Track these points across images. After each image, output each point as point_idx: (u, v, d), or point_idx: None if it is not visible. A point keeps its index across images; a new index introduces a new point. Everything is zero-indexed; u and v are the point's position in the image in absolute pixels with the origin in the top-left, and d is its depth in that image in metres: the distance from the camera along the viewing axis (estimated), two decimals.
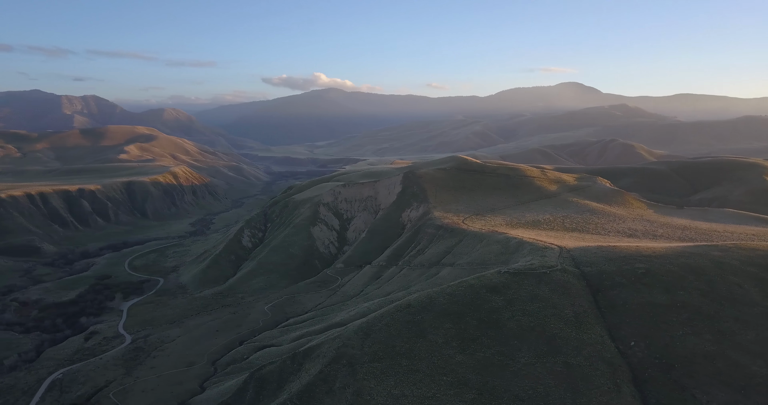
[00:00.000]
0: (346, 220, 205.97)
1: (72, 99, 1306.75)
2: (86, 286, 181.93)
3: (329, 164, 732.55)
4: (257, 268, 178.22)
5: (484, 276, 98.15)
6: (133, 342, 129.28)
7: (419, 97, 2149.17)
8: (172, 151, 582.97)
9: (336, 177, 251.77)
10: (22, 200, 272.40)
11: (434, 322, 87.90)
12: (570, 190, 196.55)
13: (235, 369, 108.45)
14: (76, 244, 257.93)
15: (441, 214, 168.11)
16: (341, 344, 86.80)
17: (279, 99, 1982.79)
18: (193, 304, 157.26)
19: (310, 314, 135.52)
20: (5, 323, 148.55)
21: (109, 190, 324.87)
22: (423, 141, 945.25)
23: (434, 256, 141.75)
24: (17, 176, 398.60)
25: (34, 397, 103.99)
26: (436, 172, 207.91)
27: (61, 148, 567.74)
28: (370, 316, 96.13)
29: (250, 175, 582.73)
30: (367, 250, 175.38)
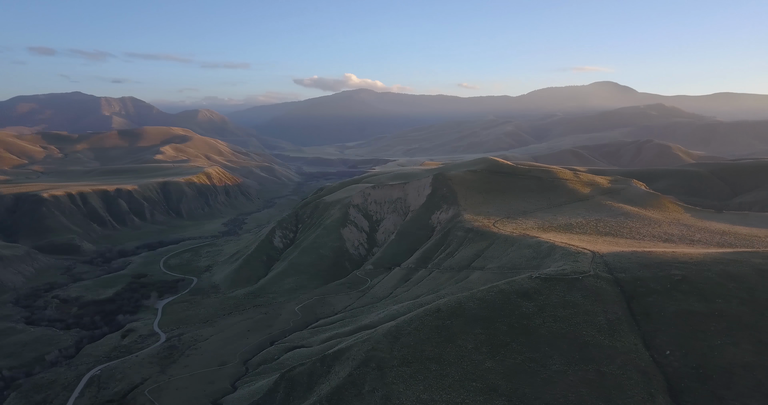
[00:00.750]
0: (376, 221, 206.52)
1: (111, 101, 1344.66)
2: (123, 285, 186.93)
3: (359, 165, 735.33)
4: (288, 269, 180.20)
5: (515, 281, 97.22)
6: (168, 340, 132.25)
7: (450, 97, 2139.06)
8: (206, 151, 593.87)
9: (366, 179, 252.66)
10: (63, 200, 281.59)
11: (464, 327, 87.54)
12: (603, 193, 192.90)
13: (266, 369, 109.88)
14: (114, 243, 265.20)
15: (471, 216, 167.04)
16: (370, 347, 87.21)
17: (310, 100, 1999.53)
18: (226, 304, 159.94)
19: (340, 316, 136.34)
20: (47, 320, 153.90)
21: (146, 190, 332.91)
22: (453, 141, 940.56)
23: (464, 259, 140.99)
24: (59, 176, 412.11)
25: (73, 393, 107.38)
26: (466, 174, 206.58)
27: (100, 148, 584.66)
28: (399, 320, 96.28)
29: (282, 175, 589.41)
30: (396, 252, 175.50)
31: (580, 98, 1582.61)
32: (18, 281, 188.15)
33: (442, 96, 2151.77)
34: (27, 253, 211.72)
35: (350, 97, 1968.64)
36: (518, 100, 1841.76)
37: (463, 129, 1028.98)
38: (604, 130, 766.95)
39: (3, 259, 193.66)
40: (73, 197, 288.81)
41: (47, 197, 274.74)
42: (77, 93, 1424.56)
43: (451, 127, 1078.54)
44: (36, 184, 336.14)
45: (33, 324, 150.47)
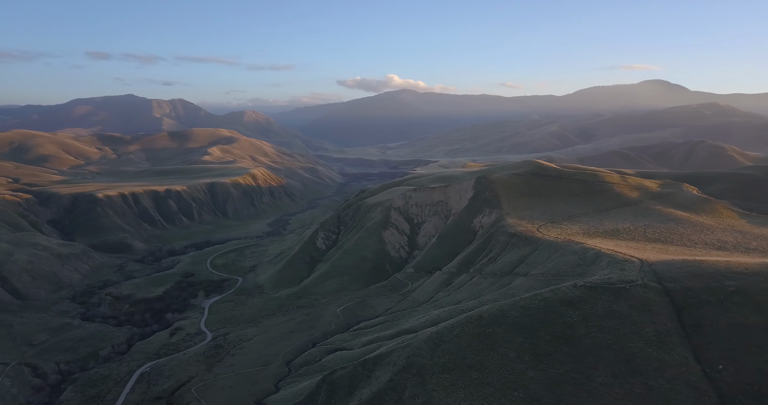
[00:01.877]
0: (417, 224, 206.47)
1: (161, 103, 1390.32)
2: (172, 284, 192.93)
3: (401, 166, 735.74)
4: (330, 271, 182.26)
5: (559, 289, 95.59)
6: (214, 339, 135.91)
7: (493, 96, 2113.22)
8: (252, 152, 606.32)
9: (407, 181, 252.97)
10: (116, 200, 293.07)
11: (506, 335, 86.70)
12: (652, 197, 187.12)
13: (308, 371, 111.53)
14: (163, 242, 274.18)
15: (514, 221, 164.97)
16: (411, 353, 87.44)
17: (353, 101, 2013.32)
18: (269, 305, 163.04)
19: (381, 319, 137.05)
20: (101, 316, 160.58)
21: (194, 191, 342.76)
22: (496, 142, 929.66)
23: (506, 265, 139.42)
24: (113, 176, 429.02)
25: (125, 388, 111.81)
26: (509, 177, 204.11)
27: (151, 149, 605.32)
28: (440, 326, 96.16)
29: (325, 176, 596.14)
30: (437, 255, 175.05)
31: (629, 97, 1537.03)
32: (75, 278, 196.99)
33: (486, 96, 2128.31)
34: (83, 251, 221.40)
35: (392, 97, 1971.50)
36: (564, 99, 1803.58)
37: (507, 129, 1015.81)
38: (653, 130, 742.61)
39: (61, 257, 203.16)
40: (125, 197, 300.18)
41: (102, 197, 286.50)
42: (130, 95, 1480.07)
43: (494, 128, 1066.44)
44: (91, 185, 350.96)
45: (88, 320, 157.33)
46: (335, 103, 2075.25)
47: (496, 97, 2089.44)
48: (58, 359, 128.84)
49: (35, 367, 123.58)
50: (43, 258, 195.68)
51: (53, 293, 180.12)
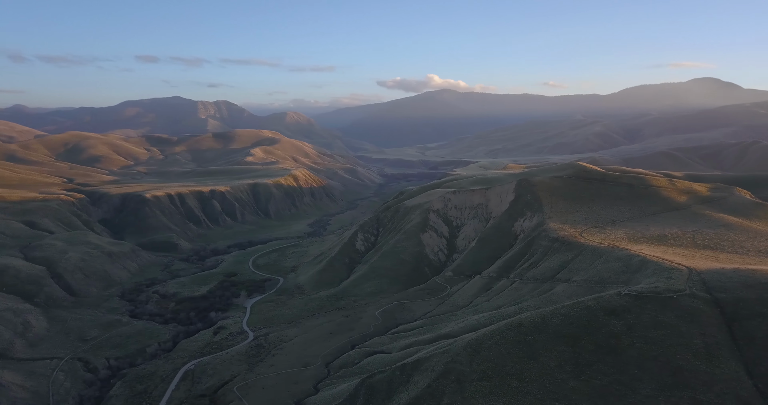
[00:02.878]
0: (456, 227, 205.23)
1: (206, 104, 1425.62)
2: (216, 283, 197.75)
3: (440, 166, 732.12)
4: (369, 273, 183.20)
5: (603, 297, 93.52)
6: (255, 339, 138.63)
7: (535, 96, 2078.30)
8: (293, 153, 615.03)
9: (446, 183, 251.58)
10: (163, 200, 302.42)
11: (547, 344, 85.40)
12: (702, 202, 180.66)
13: (347, 373, 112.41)
14: (208, 242, 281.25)
15: (556, 225, 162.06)
16: (450, 359, 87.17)
17: (392, 101, 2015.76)
18: (310, 305, 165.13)
19: (419, 322, 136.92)
20: (148, 314, 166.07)
21: (237, 192, 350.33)
22: (538, 142, 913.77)
23: (548, 270, 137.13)
24: (160, 177, 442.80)
25: (170, 385, 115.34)
26: (552, 179, 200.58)
27: (196, 150, 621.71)
28: (479, 332, 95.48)
29: (364, 177, 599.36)
30: (476, 259, 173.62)
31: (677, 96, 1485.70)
32: (124, 276, 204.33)
33: (527, 95, 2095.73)
34: (132, 250, 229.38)
35: (432, 97, 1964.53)
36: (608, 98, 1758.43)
37: (549, 129, 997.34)
38: (703, 130, 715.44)
39: (112, 256, 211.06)
40: (172, 198, 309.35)
41: (150, 197, 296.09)
42: (177, 97, 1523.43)
43: (536, 127, 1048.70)
44: (140, 185, 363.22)
45: (136, 317, 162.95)
46: (375, 104, 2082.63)
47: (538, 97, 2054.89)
48: (108, 355, 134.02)
49: (87, 362, 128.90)
50: (94, 256, 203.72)
51: (104, 290, 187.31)
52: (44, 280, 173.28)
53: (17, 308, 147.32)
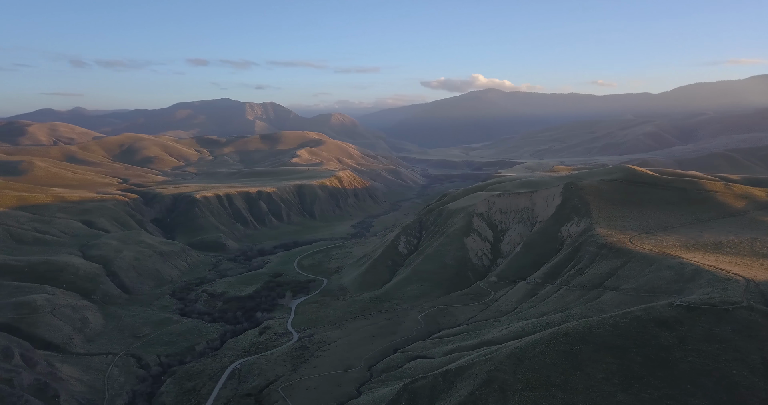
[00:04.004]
0: (501, 231, 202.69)
1: (254, 106, 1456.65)
2: (262, 283, 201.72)
3: (484, 167, 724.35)
4: (412, 276, 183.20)
5: (653, 308, 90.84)
6: (299, 340, 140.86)
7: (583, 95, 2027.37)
8: (338, 155, 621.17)
9: (490, 186, 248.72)
10: (212, 201, 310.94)
11: (593, 355, 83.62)
12: (761, 207, 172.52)
13: (389, 377, 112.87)
14: (254, 242, 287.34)
15: (605, 230, 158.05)
16: (493, 368, 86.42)
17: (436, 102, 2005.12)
18: (353, 307, 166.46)
19: (462, 328, 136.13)
20: (197, 312, 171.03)
21: (283, 193, 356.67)
22: (586, 143, 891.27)
23: (595, 277, 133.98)
24: (209, 177, 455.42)
25: (217, 383, 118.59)
26: (600, 183, 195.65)
27: (244, 151, 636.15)
28: (524, 340, 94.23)
29: (407, 178, 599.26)
30: (521, 264, 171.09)
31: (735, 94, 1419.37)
32: (174, 275, 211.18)
33: (575, 94, 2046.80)
34: (182, 249, 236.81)
35: (477, 97, 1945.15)
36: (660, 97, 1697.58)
37: (598, 129, 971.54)
38: (763, 130, 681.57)
39: (163, 255, 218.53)
40: (220, 198, 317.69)
41: (199, 198, 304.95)
42: (225, 99, 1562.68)
43: (584, 128, 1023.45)
44: (190, 185, 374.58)
45: (185, 315, 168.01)
46: (419, 104, 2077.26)
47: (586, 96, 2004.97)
48: (159, 352, 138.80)
49: (139, 358, 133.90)
50: (147, 255, 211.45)
51: (155, 288, 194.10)
52: (101, 277, 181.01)
53: (76, 304, 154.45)
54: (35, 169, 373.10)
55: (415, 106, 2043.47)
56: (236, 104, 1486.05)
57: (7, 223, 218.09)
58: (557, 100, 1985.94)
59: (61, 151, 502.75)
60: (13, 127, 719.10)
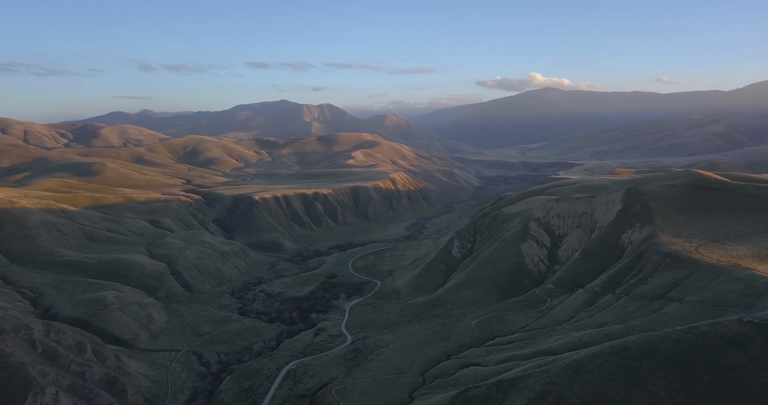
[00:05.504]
0: (558, 237, 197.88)
1: (311, 107, 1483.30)
2: (317, 284, 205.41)
3: (542, 168, 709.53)
4: (465, 281, 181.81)
5: (721, 324, 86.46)
6: (353, 343, 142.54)
7: (647, 93, 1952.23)
8: (392, 156, 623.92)
9: (547, 190, 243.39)
10: (270, 202, 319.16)
11: (656, 371, 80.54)
12: None
13: (441, 383, 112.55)
14: (310, 243, 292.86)
15: (669, 238, 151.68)
16: (549, 380, 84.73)
17: (492, 101, 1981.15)
18: (406, 311, 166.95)
19: (517, 336, 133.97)
20: (255, 312, 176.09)
21: (338, 194, 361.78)
22: (650, 143, 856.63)
23: (658, 287, 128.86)
24: (267, 178, 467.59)
25: (274, 383, 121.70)
26: (664, 188, 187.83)
27: (301, 153, 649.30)
28: (581, 353, 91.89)
29: (462, 179, 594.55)
30: (580, 271, 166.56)
31: None
32: (234, 274, 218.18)
33: (638, 93, 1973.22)
34: (241, 249, 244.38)
35: (534, 96, 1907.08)
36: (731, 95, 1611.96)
37: (662, 129, 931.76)
38: None
39: (224, 255, 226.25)
40: (278, 199, 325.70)
41: (258, 199, 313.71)
42: (284, 101, 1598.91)
43: (647, 127, 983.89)
44: (249, 186, 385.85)
45: (244, 315, 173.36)
46: (474, 104, 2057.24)
47: (649, 94, 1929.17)
48: (219, 350, 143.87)
49: (200, 356, 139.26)
50: (208, 255, 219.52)
51: (216, 287, 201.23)
52: (165, 276, 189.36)
53: (142, 302, 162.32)
54: (107, 171, 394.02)
55: (471, 106, 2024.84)
56: (294, 106, 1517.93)
57: (82, 223, 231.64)
58: (619, 98, 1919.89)
59: (130, 153, 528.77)
60: (87, 129, 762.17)
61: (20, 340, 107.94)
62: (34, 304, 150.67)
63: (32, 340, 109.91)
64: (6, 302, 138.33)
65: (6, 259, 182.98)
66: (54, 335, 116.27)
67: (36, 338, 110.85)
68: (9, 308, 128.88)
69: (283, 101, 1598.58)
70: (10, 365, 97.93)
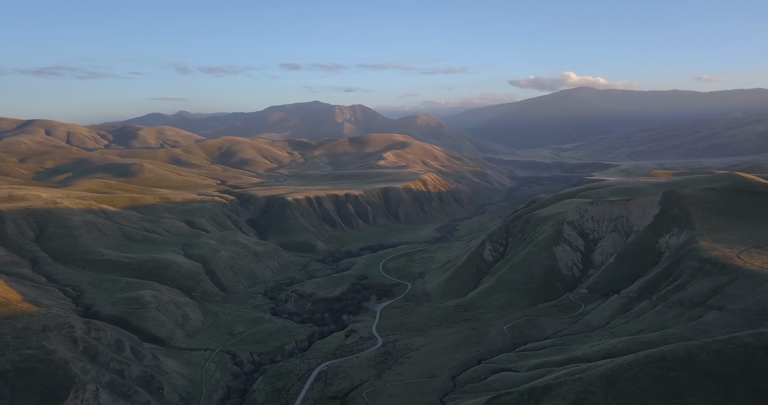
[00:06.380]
0: (592, 241, 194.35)
1: (343, 108, 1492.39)
2: (348, 285, 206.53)
3: (576, 169, 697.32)
4: (497, 285, 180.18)
5: (765, 334, 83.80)
6: (384, 345, 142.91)
7: (686, 92, 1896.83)
8: (423, 157, 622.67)
9: (582, 192, 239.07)
10: (303, 203, 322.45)
11: (694, 382, 78.51)
12: None
13: (472, 388, 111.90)
14: (341, 244, 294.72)
15: (709, 244, 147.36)
16: (582, 389, 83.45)
17: (526, 101, 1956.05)
18: (437, 314, 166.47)
19: (550, 341, 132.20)
20: (287, 312, 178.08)
21: (369, 195, 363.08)
22: (688, 143, 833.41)
23: (697, 294, 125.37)
24: (300, 179, 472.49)
25: (305, 384, 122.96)
26: (704, 192, 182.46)
27: (333, 154, 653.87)
28: (616, 361, 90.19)
29: (494, 180, 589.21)
30: (615, 276, 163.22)
31: None
32: (267, 275, 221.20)
33: (676, 91, 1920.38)
34: (274, 249, 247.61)
35: (569, 96, 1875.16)
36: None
37: (702, 129, 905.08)
38: None
39: (257, 255, 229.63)
40: (310, 200, 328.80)
41: (291, 200, 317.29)
42: (316, 102, 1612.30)
43: (686, 127, 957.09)
44: (282, 187, 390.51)
45: (276, 315, 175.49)
46: (507, 104, 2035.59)
47: (689, 93, 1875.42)
48: (252, 350, 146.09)
49: (234, 355, 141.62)
50: (242, 255, 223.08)
51: (249, 287, 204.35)
52: (200, 276, 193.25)
53: (178, 301, 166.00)
54: (144, 171, 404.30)
55: (503, 106, 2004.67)
56: (326, 107, 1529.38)
57: (121, 223, 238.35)
58: (657, 97, 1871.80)
59: (167, 154, 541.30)
60: (126, 131, 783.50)
61: (63, 338, 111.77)
62: (76, 302, 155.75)
63: (74, 337, 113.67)
64: (50, 300, 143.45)
65: (50, 258, 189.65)
66: (94, 333, 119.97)
67: (78, 336, 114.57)
68: (53, 306, 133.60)
69: (315, 102, 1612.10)
70: (54, 362, 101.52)
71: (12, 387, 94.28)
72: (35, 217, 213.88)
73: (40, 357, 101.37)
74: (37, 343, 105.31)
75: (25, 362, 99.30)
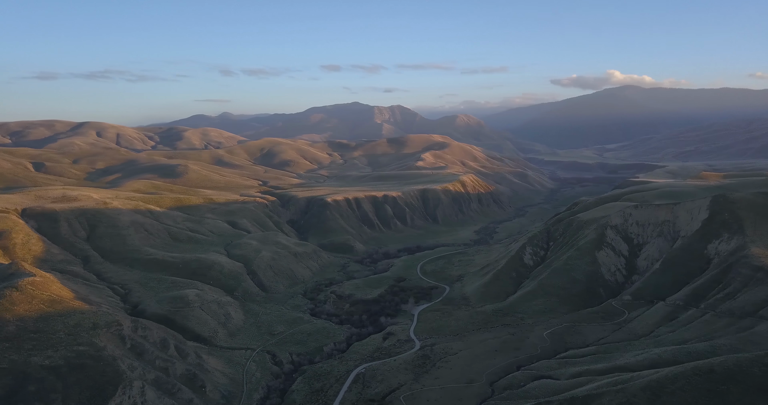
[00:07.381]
0: (637, 245, 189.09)
1: (382, 109, 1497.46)
2: (386, 287, 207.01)
3: (620, 170, 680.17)
4: (537, 289, 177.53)
5: None
6: (421, 349, 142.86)
7: (737, 90, 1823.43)
8: (462, 157, 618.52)
9: (626, 195, 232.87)
10: (342, 204, 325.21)
11: (743, 397, 75.85)
12: None
13: (511, 395, 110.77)
14: (379, 245, 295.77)
15: (761, 251, 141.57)
16: (625, 400, 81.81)
17: (568, 100, 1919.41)
18: (475, 318, 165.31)
19: (591, 349, 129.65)
20: (326, 313, 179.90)
21: (407, 197, 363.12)
22: (740, 144, 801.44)
23: (749, 304, 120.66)
24: (339, 180, 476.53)
25: (343, 386, 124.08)
26: (756, 196, 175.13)
27: (372, 155, 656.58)
28: (661, 372, 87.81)
29: (535, 181, 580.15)
30: (660, 283, 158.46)
31: None
32: (306, 275, 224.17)
33: (727, 89, 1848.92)
34: (314, 250, 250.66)
35: (613, 95, 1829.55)
36: None
37: (755, 128, 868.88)
38: None
39: (297, 256, 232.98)
40: (349, 202, 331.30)
41: (330, 201, 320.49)
42: (356, 103, 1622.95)
43: (737, 127, 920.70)
44: (322, 188, 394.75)
45: (315, 316, 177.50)
46: (549, 103, 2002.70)
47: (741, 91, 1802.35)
48: (291, 350, 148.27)
49: (274, 355, 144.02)
50: (283, 256, 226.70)
51: (289, 288, 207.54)
52: (242, 276, 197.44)
53: (221, 300, 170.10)
54: (189, 172, 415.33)
55: (545, 105, 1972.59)
56: (365, 108, 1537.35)
57: (167, 223, 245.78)
58: (706, 95, 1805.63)
59: (210, 155, 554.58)
60: (172, 132, 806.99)
61: (112, 335, 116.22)
62: (124, 300, 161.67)
63: (122, 335, 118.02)
64: (100, 298, 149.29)
65: (100, 257, 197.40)
66: (141, 331, 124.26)
67: (125, 334, 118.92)
68: (102, 304, 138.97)
69: (354, 103, 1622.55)
70: (103, 358, 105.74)
71: (65, 382, 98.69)
72: (87, 216, 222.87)
73: (91, 353, 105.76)
74: (87, 339, 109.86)
75: (77, 358, 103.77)
